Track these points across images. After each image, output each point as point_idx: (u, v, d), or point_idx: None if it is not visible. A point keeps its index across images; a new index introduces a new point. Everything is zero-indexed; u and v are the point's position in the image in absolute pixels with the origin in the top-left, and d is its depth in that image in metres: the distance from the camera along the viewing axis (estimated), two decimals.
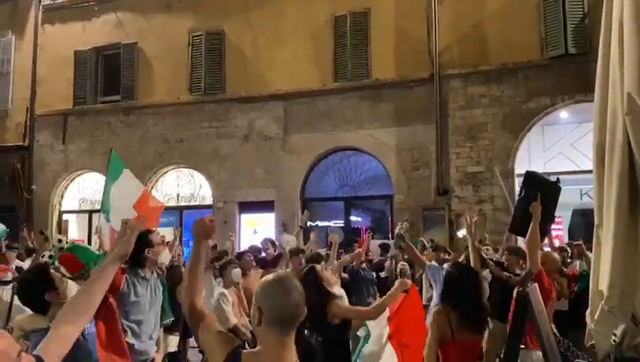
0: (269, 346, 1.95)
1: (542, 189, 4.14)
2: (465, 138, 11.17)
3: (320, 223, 12.66)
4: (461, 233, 9.00)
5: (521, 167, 11.01)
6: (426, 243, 9.49)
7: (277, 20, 12.51)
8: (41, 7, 14.68)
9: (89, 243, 13.62)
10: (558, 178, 4.38)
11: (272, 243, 8.79)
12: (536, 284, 3.68)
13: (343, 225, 12.51)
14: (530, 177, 4.32)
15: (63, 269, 3.43)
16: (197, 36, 13.21)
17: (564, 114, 10.86)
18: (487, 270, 5.70)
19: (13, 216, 13.42)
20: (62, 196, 14.54)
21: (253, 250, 8.16)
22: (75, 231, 14.52)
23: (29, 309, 2.96)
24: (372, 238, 9.24)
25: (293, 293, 1.97)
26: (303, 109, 12.34)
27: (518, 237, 6.48)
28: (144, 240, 4.06)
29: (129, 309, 3.94)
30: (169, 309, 4.65)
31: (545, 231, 4.34)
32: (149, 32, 13.59)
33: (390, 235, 12.06)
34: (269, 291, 1.98)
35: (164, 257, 4.38)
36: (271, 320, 1.94)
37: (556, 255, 5.37)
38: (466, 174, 11.13)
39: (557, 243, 8.62)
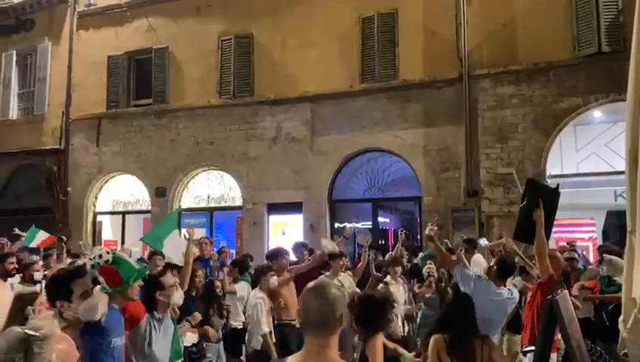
0: (309, 348, 2.07)
1: (543, 196, 4.15)
2: (495, 139, 11.03)
3: (348, 225, 12.65)
4: (482, 241, 8.88)
5: (553, 168, 10.85)
6: (449, 244, 9.33)
7: (304, 23, 12.58)
8: (76, 13, 15.09)
9: (122, 243, 13.99)
10: (558, 184, 4.38)
11: (305, 246, 8.80)
12: (566, 291, 3.63)
13: (371, 226, 12.50)
14: (532, 184, 4.35)
15: (102, 281, 3.48)
16: (226, 40, 13.38)
17: (597, 113, 10.63)
18: (519, 277, 5.58)
19: (50, 218, 13.84)
20: (96, 198, 14.91)
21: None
22: (109, 232, 14.88)
23: None
24: (406, 238, 9.22)
25: (323, 299, 2.06)
26: (331, 111, 12.37)
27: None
28: (155, 283, 4.11)
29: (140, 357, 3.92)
30: (179, 350, 4.69)
31: (546, 236, 4.34)
32: (179, 37, 13.82)
33: (419, 237, 12.01)
34: (307, 296, 2.12)
35: (178, 298, 4.37)
36: (306, 324, 2.08)
37: (557, 252, 5.32)
38: (496, 175, 10.99)
39: (591, 247, 8.47)
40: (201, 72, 13.57)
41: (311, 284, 2.19)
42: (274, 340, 5.95)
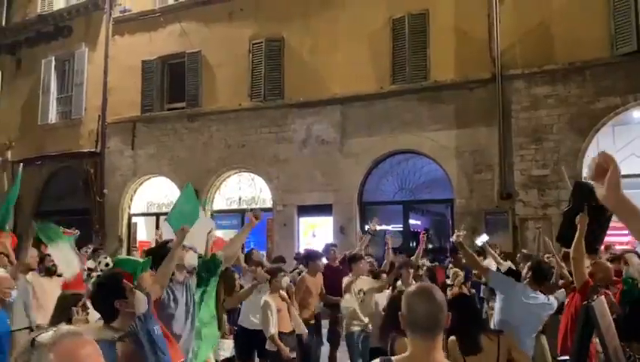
0: (416, 350, 2.14)
1: (591, 201, 3.95)
2: (529, 140, 10.82)
3: (378, 227, 12.57)
4: (480, 240, 8.68)
5: (590, 170, 10.53)
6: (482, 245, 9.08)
7: (334, 25, 12.59)
8: (111, 20, 15.45)
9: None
10: None
11: (335, 246, 8.85)
12: (602, 297, 3.53)
13: (402, 229, 12.41)
14: (579, 187, 4.15)
15: None
16: (257, 43, 13.49)
17: (636, 113, 10.31)
18: (562, 290, 5.40)
19: (87, 219, 14.20)
20: (131, 199, 15.23)
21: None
22: (144, 233, 15.15)
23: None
24: (428, 238, 9.13)
25: (432, 302, 2.14)
26: (361, 113, 12.34)
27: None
28: (165, 249, 4.11)
29: (166, 323, 3.90)
30: (212, 309, 4.72)
31: (593, 248, 4.13)
32: (211, 41, 14.01)
33: (451, 240, 11.84)
34: (410, 300, 2.18)
35: (191, 258, 4.34)
36: (412, 327, 2.14)
37: (608, 263, 5.09)
38: (530, 177, 10.78)
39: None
40: (232, 75, 13.72)
41: (414, 288, 2.29)
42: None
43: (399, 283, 6.74)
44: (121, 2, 15.41)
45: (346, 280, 6.74)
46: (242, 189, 14.02)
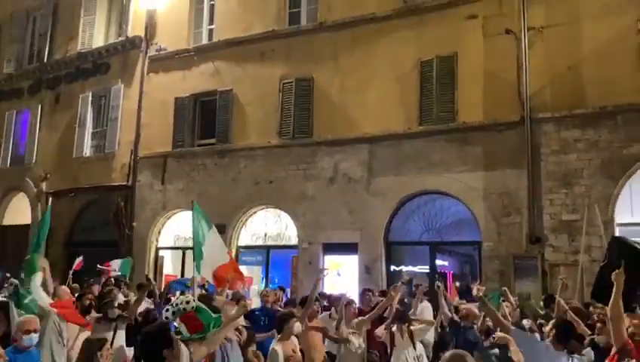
0: None
1: (629, 258, 3.83)
2: (559, 184, 10.68)
3: (404, 268, 12.47)
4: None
5: (622, 217, 10.32)
6: (509, 295, 8.72)
7: (364, 66, 12.79)
8: (147, 58, 15.99)
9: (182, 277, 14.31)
10: None
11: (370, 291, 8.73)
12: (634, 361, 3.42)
13: (428, 270, 12.24)
14: (616, 243, 4.05)
15: (183, 328, 3.60)
16: (287, 82, 13.77)
17: None
18: (589, 349, 5.19)
19: (116, 251, 14.42)
20: (159, 233, 15.44)
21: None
22: (170, 267, 15.30)
23: None
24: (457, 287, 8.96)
25: None
26: (389, 152, 12.39)
27: None
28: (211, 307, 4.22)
29: None
30: None
31: (630, 307, 3.99)
32: (243, 79, 14.36)
33: (479, 282, 11.61)
34: None
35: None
36: None
37: None
38: (560, 222, 10.59)
39: None
40: (262, 113, 13.98)
41: (449, 355, 2.59)
42: None
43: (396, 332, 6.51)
44: (157, 41, 15.95)
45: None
46: (268, 225, 14.09)
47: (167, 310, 3.71)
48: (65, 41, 17.95)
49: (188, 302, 3.68)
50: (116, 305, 6.73)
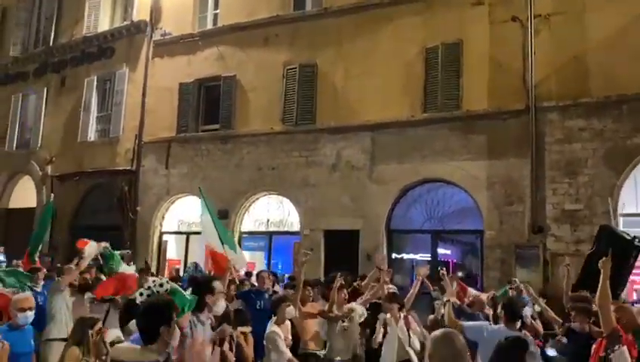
0: None
1: (615, 246, 3.86)
2: (562, 173, 10.60)
3: (405, 256, 12.48)
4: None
5: (627, 207, 10.24)
6: (520, 284, 8.52)
7: (368, 52, 12.69)
8: (152, 42, 15.95)
9: (185, 262, 14.40)
10: (635, 237, 4.05)
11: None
12: (624, 348, 3.40)
13: (429, 258, 12.23)
14: (604, 231, 4.08)
15: None
16: (291, 68, 13.70)
17: None
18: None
19: (119, 235, 14.50)
20: (162, 218, 15.50)
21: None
22: (174, 251, 15.39)
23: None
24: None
25: (450, 348, 2.41)
26: (391, 140, 12.32)
27: None
28: (207, 287, 4.30)
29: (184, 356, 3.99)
30: None
31: (615, 294, 4.01)
32: (247, 65, 14.30)
33: (481, 271, 11.62)
34: (436, 344, 2.47)
35: (220, 307, 4.50)
36: None
37: (633, 307, 4.88)
38: (563, 212, 10.52)
39: None
40: (266, 99, 13.94)
41: (439, 333, 2.57)
42: None
43: (388, 316, 6.39)
44: (162, 26, 15.90)
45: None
46: (270, 212, 14.11)
47: (142, 294, 3.77)
48: (70, 24, 17.94)
49: (162, 285, 3.72)
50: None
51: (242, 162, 14.15)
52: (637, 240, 4.20)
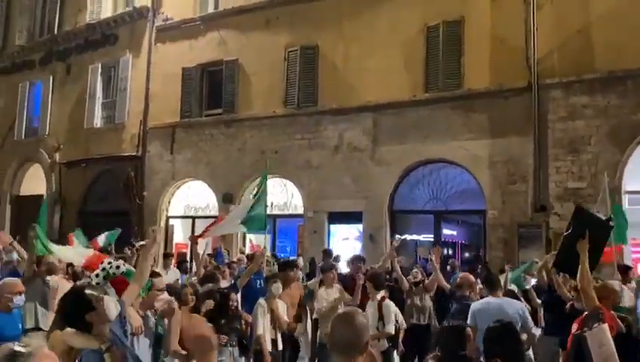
0: None
1: (591, 227, 3.85)
2: (566, 151, 10.47)
3: (409, 237, 12.47)
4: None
5: (630, 184, 10.11)
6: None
7: (368, 32, 12.55)
8: (154, 28, 15.93)
9: (191, 247, 14.50)
10: (610, 217, 4.02)
11: (361, 260, 8.55)
12: (604, 326, 3.38)
13: (432, 238, 12.22)
14: (580, 213, 4.05)
15: (112, 291, 3.60)
16: (292, 51, 13.62)
17: None
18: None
19: (126, 220, 14.64)
20: (169, 202, 15.63)
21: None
22: (181, 235, 15.52)
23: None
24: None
25: (351, 327, 2.33)
26: (393, 120, 12.24)
27: None
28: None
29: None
30: None
31: (591, 267, 4.01)
32: (248, 48, 14.23)
33: (484, 250, 11.58)
34: (335, 323, 2.41)
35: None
36: (334, 347, 2.36)
37: (615, 285, 4.86)
38: (566, 190, 10.42)
39: None
40: (267, 82, 13.89)
41: (340, 311, 2.62)
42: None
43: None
44: (164, 11, 15.86)
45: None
46: (274, 195, 14.08)
47: (97, 275, 3.79)
48: (74, 12, 17.94)
49: (118, 267, 3.75)
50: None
51: (245, 146, 14.17)
52: (611, 221, 4.19)
